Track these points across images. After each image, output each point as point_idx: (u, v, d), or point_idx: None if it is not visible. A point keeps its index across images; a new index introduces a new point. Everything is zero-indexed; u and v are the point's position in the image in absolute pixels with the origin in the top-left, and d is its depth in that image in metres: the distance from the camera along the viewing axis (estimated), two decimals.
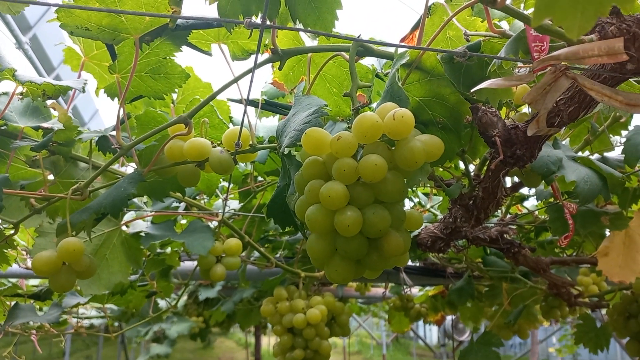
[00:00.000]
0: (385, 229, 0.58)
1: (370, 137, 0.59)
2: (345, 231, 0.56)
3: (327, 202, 0.56)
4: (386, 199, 0.60)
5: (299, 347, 1.33)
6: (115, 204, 0.70)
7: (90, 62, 0.89)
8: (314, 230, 0.59)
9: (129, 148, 0.70)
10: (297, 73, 0.89)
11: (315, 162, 0.61)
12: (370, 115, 0.58)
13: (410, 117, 0.57)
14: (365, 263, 0.62)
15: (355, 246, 0.59)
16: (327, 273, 0.62)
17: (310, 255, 0.62)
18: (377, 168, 0.56)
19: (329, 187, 0.56)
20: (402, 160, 0.58)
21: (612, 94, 0.49)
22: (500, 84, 0.50)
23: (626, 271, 1.15)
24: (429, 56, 0.67)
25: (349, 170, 0.57)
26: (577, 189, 0.75)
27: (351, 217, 0.56)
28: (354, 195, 0.58)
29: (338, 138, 0.58)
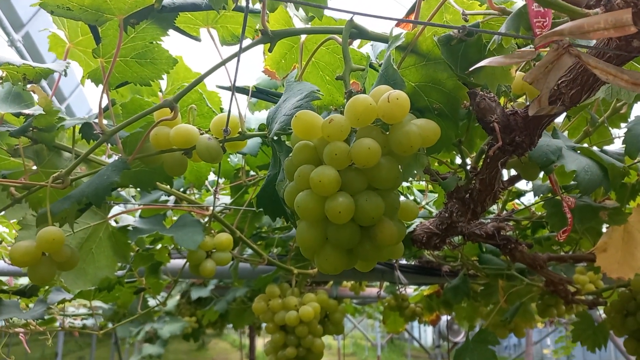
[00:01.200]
0: (379, 216, 0.56)
1: (364, 120, 0.56)
2: (337, 218, 0.54)
3: (318, 187, 0.53)
4: (380, 185, 0.57)
5: (291, 345, 1.30)
6: (97, 193, 0.67)
7: (76, 48, 0.86)
8: (304, 217, 0.57)
9: (111, 134, 0.67)
10: (290, 61, 0.87)
11: (306, 147, 0.58)
12: (363, 97, 0.55)
13: (406, 99, 0.55)
14: (358, 253, 0.59)
15: (347, 234, 0.56)
16: (318, 263, 0.59)
17: (299, 245, 0.60)
18: (371, 152, 0.53)
19: (319, 172, 0.53)
20: (397, 145, 0.56)
21: (617, 72, 0.46)
22: (500, 62, 0.48)
23: (625, 267, 1.13)
24: (425, 39, 0.64)
25: (340, 154, 0.54)
26: (577, 178, 0.73)
27: (343, 204, 0.53)
28: (346, 181, 0.55)
29: (330, 121, 0.55)
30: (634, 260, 1.13)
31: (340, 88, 0.84)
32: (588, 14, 0.45)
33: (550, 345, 8.00)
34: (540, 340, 7.60)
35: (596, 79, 0.54)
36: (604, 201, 1.20)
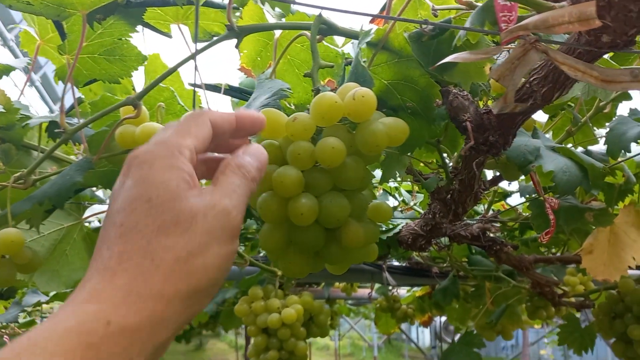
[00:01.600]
0: (344, 218, 0.54)
1: (329, 119, 0.54)
2: (300, 220, 0.52)
3: (280, 188, 0.51)
4: (346, 185, 0.55)
5: (274, 348, 1.28)
6: (60, 193, 0.65)
7: (47, 45, 0.84)
8: (267, 219, 0.55)
9: (73, 132, 0.65)
10: (265, 58, 0.85)
11: (271, 146, 0.56)
12: (329, 95, 0.54)
13: (372, 97, 0.53)
14: (324, 256, 0.57)
15: (311, 237, 0.54)
16: (282, 266, 0.57)
17: (262, 248, 0.58)
18: (335, 152, 0.51)
19: (281, 173, 0.51)
20: (363, 144, 0.54)
21: (586, 68, 0.45)
22: (465, 57, 0.46)
23: (611, 269, 1.11)
24: (396, 35, 0.62)
25: (304, 154, 0.52)
26: (555, 179, 0.71)
27: (305, 205, 0.51)
28: (310, 182, 0.53)
29: (294, 119, 0.53)
30: (620, 262, 1.11)
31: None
32: (554, 7, 0.43)
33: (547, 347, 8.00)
34: (537, 340, 7.59)
35: (567, 75, 0.52)
36: (591, 202, 1.18)
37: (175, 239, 0.35)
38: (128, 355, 0.31)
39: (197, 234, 0.36)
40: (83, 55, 0.72)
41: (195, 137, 0.41)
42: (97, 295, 0.33)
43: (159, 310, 0.33)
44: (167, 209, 0.35)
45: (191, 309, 0.36)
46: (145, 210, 0.35)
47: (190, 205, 0.36)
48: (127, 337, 0.31)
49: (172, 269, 0.34)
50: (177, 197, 0.36)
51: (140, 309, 0.32)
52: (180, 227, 0.35)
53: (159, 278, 0.33)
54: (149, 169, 0.37)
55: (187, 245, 0.35)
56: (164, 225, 0.35)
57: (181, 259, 0.34)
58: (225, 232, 0.38)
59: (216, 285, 0.37)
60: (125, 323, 0.31)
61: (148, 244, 0.34)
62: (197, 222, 0.36)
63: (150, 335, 0.33)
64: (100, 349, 0.30)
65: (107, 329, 0.31)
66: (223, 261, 0.37)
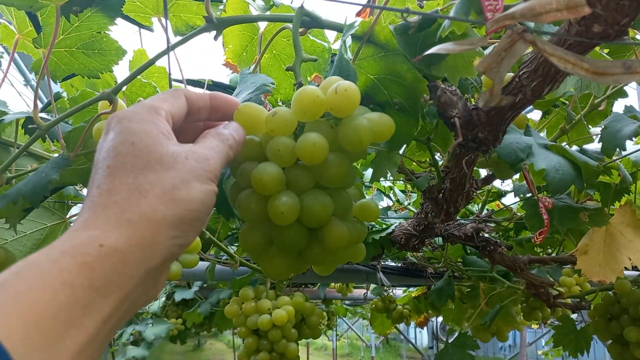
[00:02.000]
0: (326, 217, 0.52)
1: (311, 114, 0.52)
2: (280, 219, 0.49)
3: (259, 186, 0.49)
4: (329, 183, 0.53)
5: (264, 349, 1.26)
6: (35, 191, 0.63)
7: (25, 39, 0.81)
8: (247, 218, 0.53)
9: (47, 128, 0.63)
10: (251, 53, 0.83)
11: (251, 142, 0.54)
12: (311, 89, 0.51)
13: (355, 91, 0.50)
14: (307, 256, 0.55)
15: (292, 236, 0.51)
16: (263, 267, 0.55)
17: (243, 247, 0.55)
18: (316, 148, 0.49)
19: (261, 170, 0.49)
20: (346, 140, 0.52)
21: (576, 60, 0.42)
22: (449, 48, 0.44)
23: (606, 270, 1.09)
24: (382, 28, 0.60)
25: (284, 150, 0.50)
26: (547, 177, 0.69)
27: (286, 204, 0.49)
28: (291, 179, 0.51)
29: (273, 114, 0.51)
30: (616, 263, 1.09)
31: (304, 81, 0.80)
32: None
33: (545, 347, 7.98)
34: (534, 341, 7.56)
35: (558, 69, 0.50)
36: (586, 202, 1.16)
37: (161, 174, 0.38)
38: (120, 276, 0.33)
39: (180, 171, 0.39)
40: (60, 49, 0.70)
41: (170, 104, 0.44)
42: (91, 224, 0.35)
43: (148, 235, 0.35)
44: (150, 151, 0.38)
45: (178, 239, 0.38)
46: (130, 152, 0.38)
47: (172, 149, 0.40)
48: (119, 259, 0.33)
49: (158, 199, 0.37)
50: (158, 142, 0.39)
51: (131, 233, 0.35)
52: (165, 166, 0.38)
53: (147, 206, 0.36)
54: (129, 122, 0.40)
55: (172, 180, 0.38)
56: (149, 164, 0.38)
57: (167, 191, 0.37)
58: (205, 174, 0.41)
59: (200, 219, 0.40)
60: (117, 245, 0.33)
61: (135, 180, 0.37)
62: (179, 162, 0.39)
63: (141, 259, 0.35)
64: (94, 269, 0.32)
65: (100, 250, 0.33)
66: (205, 197, 0.40)
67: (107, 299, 0.32)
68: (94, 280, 0.32)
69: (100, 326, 0.32)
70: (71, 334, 0.30)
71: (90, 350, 0.31)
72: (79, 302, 0.31)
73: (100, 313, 0.32)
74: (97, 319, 0.32)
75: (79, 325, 0.30)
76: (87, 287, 0.31)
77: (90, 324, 0.31)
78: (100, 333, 0.32)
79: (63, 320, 0.30)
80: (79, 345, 0.30)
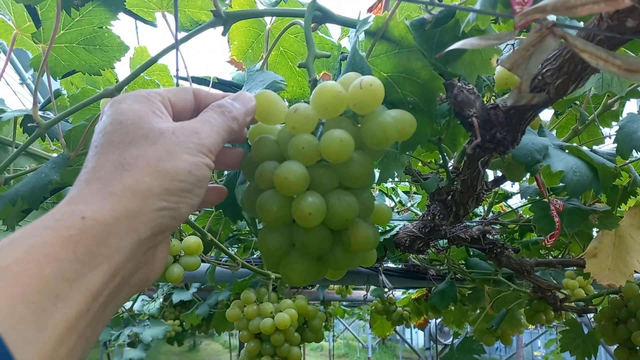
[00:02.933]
0: (352, 218, 0.49)
1: (333, 110, 0.49)
2: (306, 221, 0.46)
3: (284, 186, 0.46)
4: (352, 183, 0.50)
5: (267, 354, 1.23)
6: (34, 192, 0.60)
7: (24, 35, 0.79)
8: (268, 221, 0.49)
9: (47, 126, 0.60)
10: (257, 50, 0.80)
11: (267, 141, 0.51)
12: (332, 84, 0.49)
13: (380, 86, 0.48)
14: (328, 260, 0.52)
15: (317, 239, 0.49)
16: (284, 273, 0.51)
17: (262, 253, 0.53)
18: (343, 145, 0.46)
19: (285, 169, 0.46)
20: (371, 137, 0.49)
21: (608, 57, 0.40)
22: (475, 43, 0.41)
23: (616, 274, 1.07)
24: (396, 24, 0.58)
25: (309, 148, 0.47)
26: (564, 179, 0.66)
27: (313, 204, 0.46)
28: (315, 179, 0.48)
29: (295, 110, 0.48)
30: (625, 267, 1.07)
31: None
32: None
33: (540, 347, 7.99)
34: (530, 342, 7.57)
35: (585, 66, 0.48)
36: (594, 204, 1.14)
37: (146, 148, 0.37)
38: (107, 249, 0.32)
39: (165, 145, 0.38)
40: (60, 45, 0.68)
41: (172, 94, 0.43)
42: (74, 200, 0.34)
43: (133, 206, 0.34)
44: (137, 128, 0.38)
45: (167, 210, 0.36)
46: (117, 130, 0.38)
47: (160, 125, 0.39)
48: (103, 230, 0.32)
49: (142, 171, 0.36)
50: (146, 120, 0.39)
51: (114, 205, 0.34)
52: (150, 140, 0.37)
53: (130, 179, 0.35)
54: (120, 104, 0.39)
55: (156, 153, 0.37)
56: (134, 140, 0.37)
57: (151, 163, 0.36)
58: (195, 147, 0.39)
59: (189, 191, 0.39)
60: (100, 217, 0.33)
61: (120, 156, 0.36)
62: (166, 136, 0.38)
63: (128, 230, 0.34)
64: (78, 242, 0.31)
65: (83, 223, 0.32)
66: (193, 168, 0.38)
67: (95, 272, 0.31)
68: (79, 254, 0.31)
69: (90, 301, 0.31)
70: (59, 308, 0.29)
71: (81, 326, 0.30)
72: (65, 276, 0.30)
73: (89, 287, 0.31)
74: (86, 292, 0.31)
75: (66, 299, 0.29)
76: (73, 261, 0.30)
77: (79, 298, 0.30)
78: (90, 309, 0.31)
79: (50, 294, 0.29)
80: (69, 320, 0.29)
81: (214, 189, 0.52)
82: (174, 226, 0.38)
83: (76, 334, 0.30)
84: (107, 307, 0.34)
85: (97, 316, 0.32)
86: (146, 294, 3.19)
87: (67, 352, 0.29)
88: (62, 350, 0.29)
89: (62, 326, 0.29)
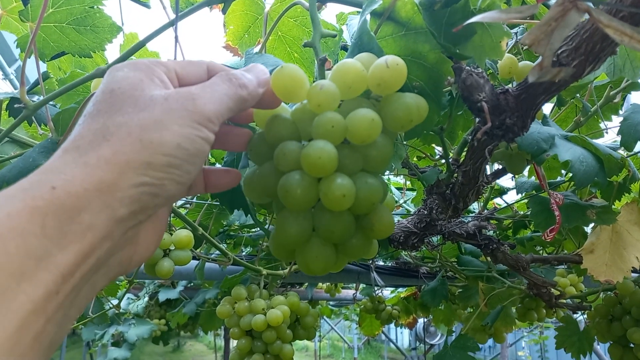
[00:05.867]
0: (377, 202, 0.46)
1: (355, 89, 0.47)
2: (339, 204, 0.43)
3: (316, 166, 0.43)
4: (372, 167, 0.47)
5: (258, 351, 1.20)
6: (20, 178, 0.56)
7: (9, 16, 0.75)
8: (292, 204, 0.45)
9: (36, 107, 0.57)
10: (254, 35, 0.77)
11: (285, 120, 0.48)
12: (352, 62, 0.46)
13: (404, 66, 0.46)
14: (344, 248, 0.49)
15: (342, 224, 0.46)
16: (303, 261, 0.48)
17: (277, 241, 0.49)
18: (374, 125, 0.44)
19: (318, 147, 0.42)
20: (395, 119, 0.46)
21: (633, 33, 0.38)
22: (495, 17, 0.39)
23: (613, 269, 1.06)
24: (404, 4, 0.55)
25: (338, 126, 0.44)
26: (572, 169, 0.65)
27: (345, 186, 0.43)
28: (340, 161, 0.45)
29: (321, 87, 0.45)
30: (623, 262, 1.06)
31: (311, 66, 0.75)
32: None
33: (525, 347, 8.04)
34: (515, 342, 7.60)
35: (603, 46, 0.46)
36: (591, 199, 1.13)
37: (131, 116, 0.34)
38: (78, 225, 0.29)
39: (153, 113, 0.34)
40: (49, 24, 0.64)
41: (180, 66, 0.40)
42: (46, 169, 0.31)
43: (108, 178, 0.31)
44: (127, 96, 0.35)
45: (149, 186, 0.33)
46: (107, 99, 0.35)
47: (153, 92, 0.36)
48: (74, 203, 0.29)
49: (122, 141, 0.32)
50: (138, 87, 0.35)
51: (87, 175, 0.31)
52: (138, 108, 0.34)
53: (108, 149, 0.32)
54: (117, 71, 0.37)
55: (141, 122, 0.33)
56: (122, 108, 0.34)
57: (133, 133, 0.33)
58: (189, 115, 0.35)
59: (177, 167, 0.35)
60: (71, 188, 0.30)
61: (103, 125, 0.33)
62: (156, 103, 0.35)
63: (102, 206, 0.30)
64: (47, 214, 0.28)
65: (52, 193, 0.29)
66: (184, 141, 0.35)
67: (65, 250, 0.28)
68: (47, 229, 0.28)
69: (60, 282, 0.28)
70: (24, 289, 0.26)
71: (50, 309, 0.28)
72: (31, 253, 0.27)
73: (59, 266, 0.28)
74: (54, 272, 0.28)
75: (32, 278, 0.27)
76: (40, 236, 0.27)
77: (47, 278, 0.27)
78: (60, 291, 0.28)
79: (13, 272, 0.26)
80: (34, 302, 0.27)
81: (227, 173, 0.48)
82: (158, 205, 0.35)
83: (43, 317, 0.27)
84: (81, 290, 0.31)
85: (70, 299, 0.29)
86: (132, 292, 3.14)
87: (33, 337, 0.27)
88: (26, 335, 0.26)
89: (27, 307, 0.26)
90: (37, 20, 0.63)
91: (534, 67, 0.39)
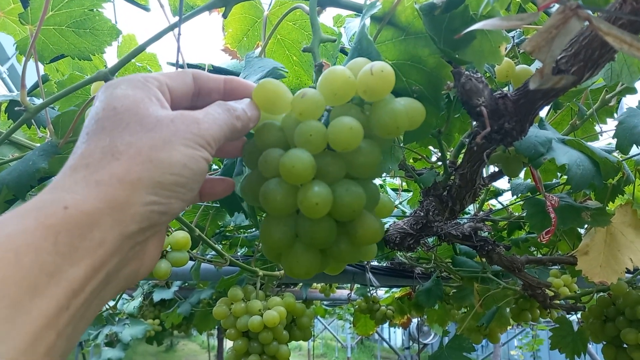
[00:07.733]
0: (360, 209, 0.47)
1: (342, 96, 0.47)
2: (313, 211, 0.44)
3: (291, 174, 0.44)
4: (359, 173, 0.48)
5: (255, 352, 1.20)
6: (20, 181, 0.57)
7: (7, 18, 0.75)
8: (272, 210, 0.47)
9: (36, 110, 0.57)
10: (253, 38, 0.78)
11: (272, 127, 0.49)
12: (341, 69, 0.47)
13: (391, 72, 0.46)
14: (332, 253, 0.50)
15: (323, 231, 0.46)
16: (287, 265, 0.49)
17: (264, 244, 0.50)
18: (353, 132, 0.44)
19: (292, 156, 0.44)
20: (381, 126, 0.47)
21: (632, 40, 0.39)
22: (497, 24, 0.40)
23: (607, 271, 1.07)
24: (404, 9, 0.56)
25: (316, 135, 0.45)
26: (569, 173, 0.65)
27: (320, 194, 0.44)
28: (322, 168, 0.46)
29: (302, 95, 0.46)
30: (617, 264, 1.07)
31: (309, 69, 0.76)
32: None
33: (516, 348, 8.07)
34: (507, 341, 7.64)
35: (602, 53, 0.47)
36: (586, 201, 1.14)
37: (140, 135, 0.34)
38: (89, 242, 0.30)
39: (161, 133, 0.35)
40: (49, 27, 0.64)
41: (170, 79, 0.41)
42: (57, 187, 0.32)
43: (119, 197, 0.32)
44: (132, 114, 0.35)
45: (157, 205, 0.34)
46: (111, 116, 0.35)
47: (158, 112, 0.36)
48: (86, 221, 0.30)
49: (133, 159, 0.33)
50: (142, 105, 0.36)
51: (99, 194, 0.31)
52: (145, 128, 0.35)
53: (119, 167, 0.33)
54: (114, 89, 0.37)
55: (150, 141, 0.34)
56: (128, 126, 0.35)
57: (143, 152, 0.34)
58: (193, 137, 0.37)
59: (183, 185, 0.36)
60: (83, 207, 0.30)
61: (110, 143, 0.34)
62: (164, 124, 0.36)
63: (113, 223, 0.31)
64: (59, 232, 0.29)
65: (65, 212, 0.30)
66: (189, 161, 0.36)
67: (77, 266, 0.29)
68: (59, 245, 0.28)
69: (71, 297, 0.29)
70: (37, 304, 0.27)
71: (61, 324, 0.28)
72: (44, 268, 0.28)
73: (70, 282, 0.29)
74: (66, 287, 0.28)
75: (45, 293, 0.27)
76: (53, 252, 0.28)
77: (59, 293, 0.28)
78: (71, 305, 0.29)
79: (27, 287, 0.27)
80: (47, 317, 0.27)
81: (221, 182, 0.49)
82: (165, 221, 0.36)
83: (55, 332, 0.28)
84: (91, 304, 0.31)
85: (79, 313, 0.30)
86: (126, 292, 3.13)
87: (45, 351, 0.27)
88: (39, 349, 0.27)
89: (39, 322, 0.27)
90: (37, 23, 0.63)
91: (534, 75, 0.39)
